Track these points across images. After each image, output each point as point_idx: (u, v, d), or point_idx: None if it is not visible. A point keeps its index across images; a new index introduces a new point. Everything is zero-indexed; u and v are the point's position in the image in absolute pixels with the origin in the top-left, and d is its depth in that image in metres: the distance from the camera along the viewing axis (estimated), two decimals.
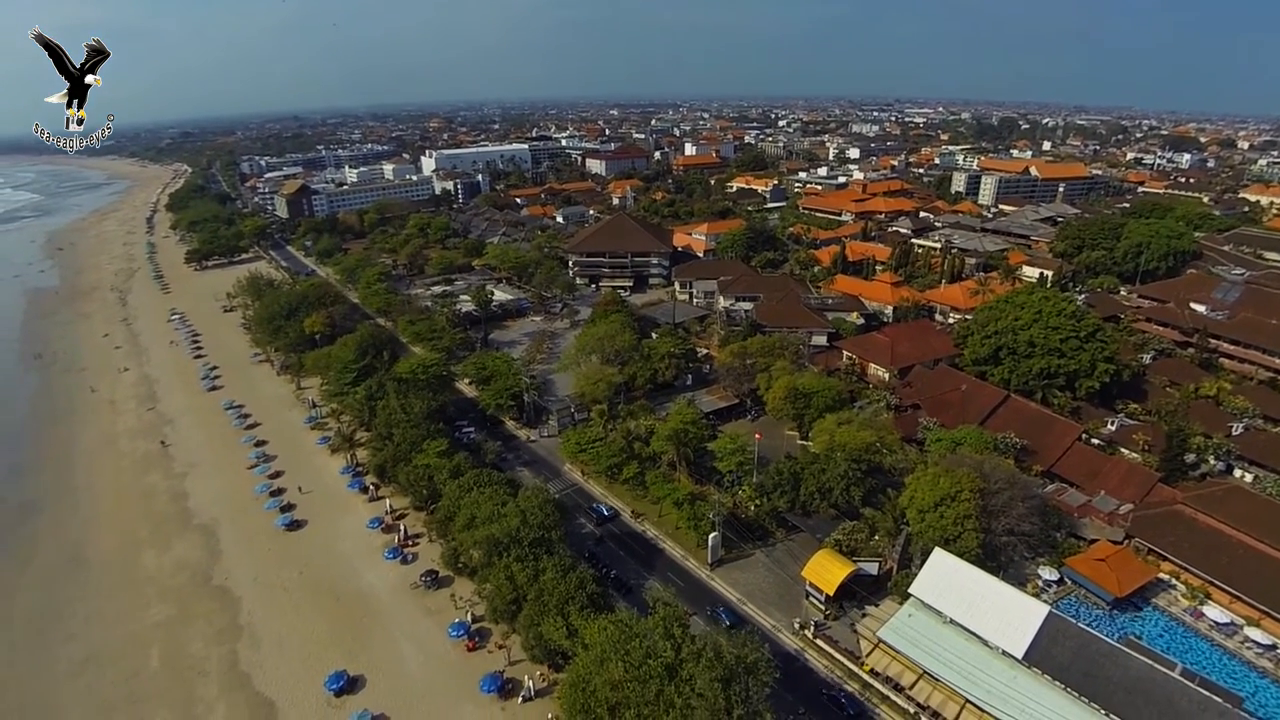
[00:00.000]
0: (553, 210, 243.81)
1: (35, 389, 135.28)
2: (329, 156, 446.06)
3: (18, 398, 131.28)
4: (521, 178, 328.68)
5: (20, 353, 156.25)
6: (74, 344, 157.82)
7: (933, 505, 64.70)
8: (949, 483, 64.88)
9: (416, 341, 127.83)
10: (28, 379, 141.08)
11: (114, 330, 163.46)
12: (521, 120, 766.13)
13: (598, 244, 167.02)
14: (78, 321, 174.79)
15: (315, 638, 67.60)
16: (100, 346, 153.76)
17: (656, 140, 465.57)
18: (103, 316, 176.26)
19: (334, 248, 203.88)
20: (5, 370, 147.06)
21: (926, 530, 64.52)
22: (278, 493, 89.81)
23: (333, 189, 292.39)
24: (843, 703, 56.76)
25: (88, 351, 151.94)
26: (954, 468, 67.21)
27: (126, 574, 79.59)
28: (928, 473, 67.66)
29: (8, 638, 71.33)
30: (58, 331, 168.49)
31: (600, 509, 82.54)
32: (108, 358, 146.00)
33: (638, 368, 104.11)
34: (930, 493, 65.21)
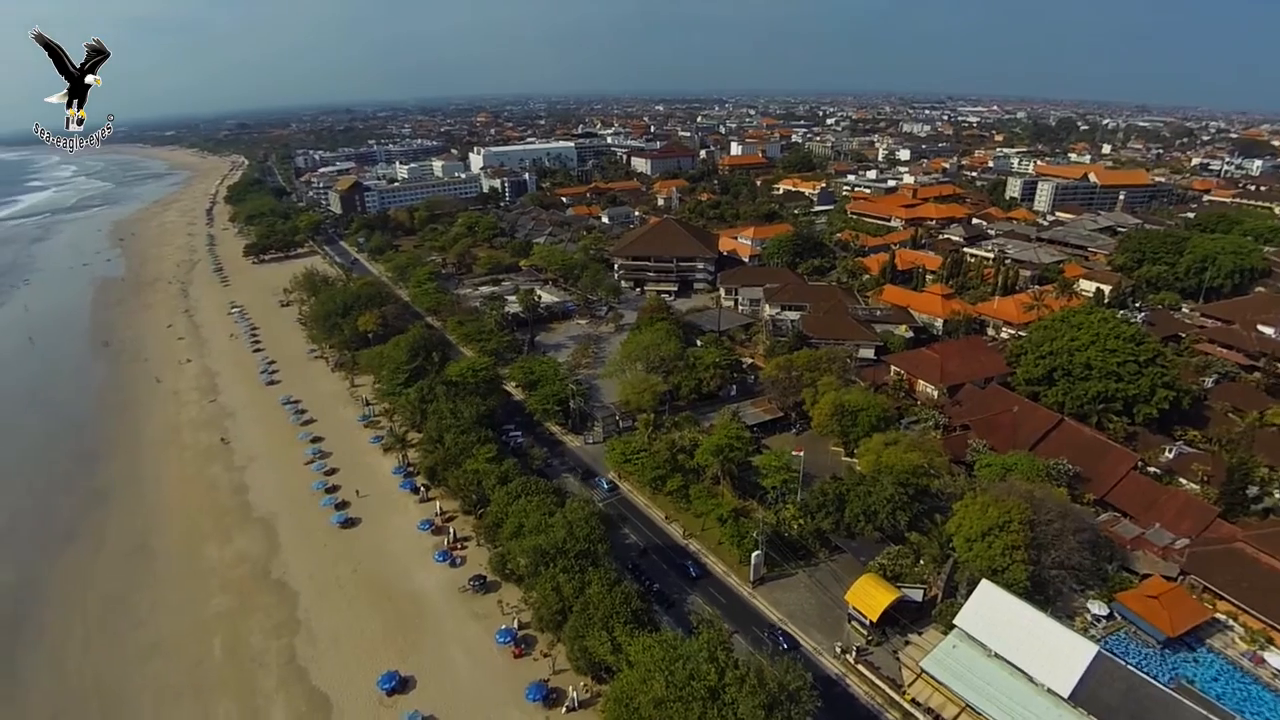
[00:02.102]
0: (598, 210, 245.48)
1: (104, 377, 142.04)
2: (379, 151, 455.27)
3: (89, 385, 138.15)
4: (567, 176, 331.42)
5: (90, 340, 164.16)
6: (139, 334, 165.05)
7: (981, 534, 64.08)
8: (998, 512, 64.16)
9: (465, 342, 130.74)
10: (97, 367, 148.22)
11: (177, 321, 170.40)
12: (567, 115, 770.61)
13: (643, 248, 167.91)
14: (142, 311, 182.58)
15: (368, 636, 70.01)
16: (164, 337, 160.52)
17: (702, 138, 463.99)
18: (166, 307, 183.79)
19: (386, 245, 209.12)
20: (78, 357, 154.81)
21: (974, 559, 63.95)
22: (333, 490, 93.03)
23: (384, 186, 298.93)
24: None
25: (152, 342, 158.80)
26: (1004, 496, 66.33)
27: (190, 564, 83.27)
28: (977, 501, 66.95)
29: (82, 621, 75.52)
30: (124, 320, 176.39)
31: (601, 482, 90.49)
32: (171, 349, 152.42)
33: (682, 377, 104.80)
34: (979, 521, 64.58)
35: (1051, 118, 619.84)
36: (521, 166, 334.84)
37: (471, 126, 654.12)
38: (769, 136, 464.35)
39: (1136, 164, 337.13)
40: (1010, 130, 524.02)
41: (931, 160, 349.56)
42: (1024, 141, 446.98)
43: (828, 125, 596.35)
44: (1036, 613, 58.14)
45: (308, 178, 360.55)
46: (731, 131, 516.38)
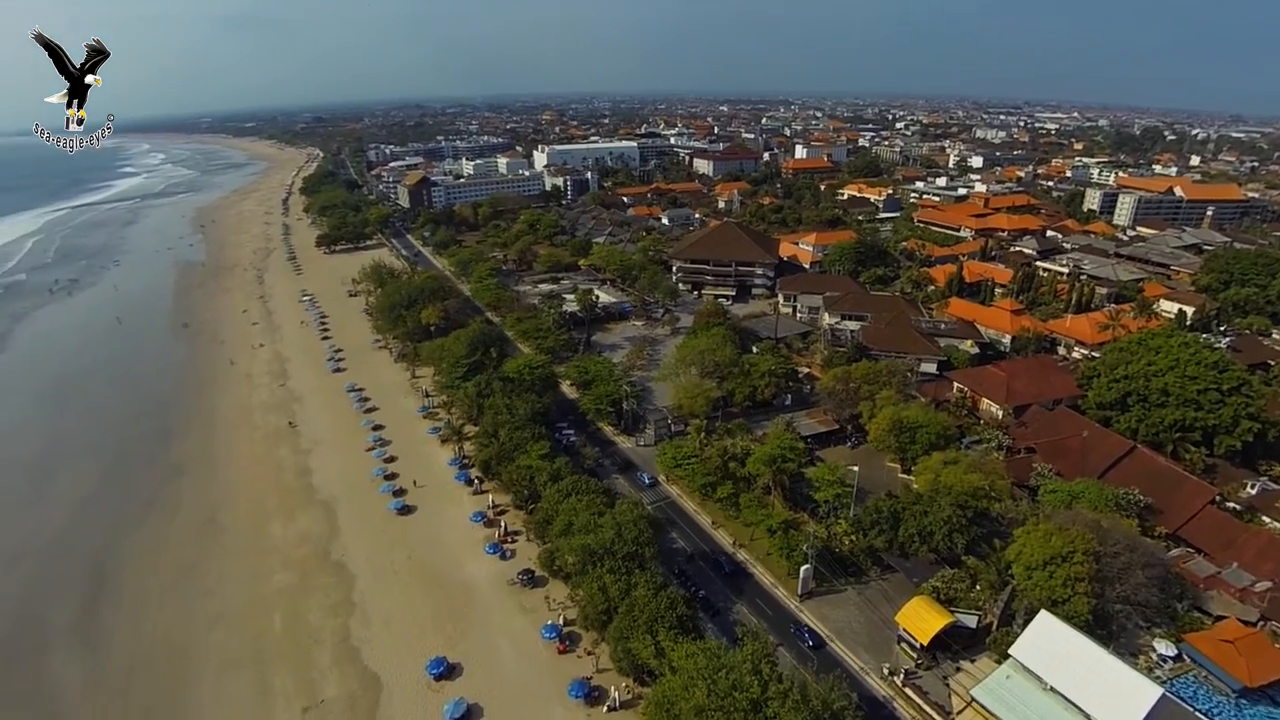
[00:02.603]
0: (658, 211, 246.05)
1: (183, 357, 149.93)
2: (447, 147, 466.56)
3: (169, 365, 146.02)
4: (629, 176, 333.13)
5: (171, 322, 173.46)
6: (217, 317, 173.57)
7: (1042, 563, 61.81)
8: (1061, 541, 61.80)
9: (523, 339, 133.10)
10: (177, 347, 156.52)
11: (251, 307, 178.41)
12: (631, 115, 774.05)
13: (703, 251, 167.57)
14: (220, 296, 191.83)
15: (419, 621, 72.04)
16: (239, 321, 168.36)
17: (766, 140, 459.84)
18: (242, 293, 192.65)
19: (450, 240, 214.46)
20: (160, 337, 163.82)
21: (1033, 589, 61.78)
22: (391, 477, 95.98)
23: (450, 181, 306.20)
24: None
25: (228, 325, 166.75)
26: (1069, 525, 63.84)
27: (255, 540, 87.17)
28: (1039, 528, 64.63)
29: (157, 585, 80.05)
30: (203, 304, 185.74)
31: (643, 477, 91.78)
32: (245, 333, 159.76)
33: (737, 384, 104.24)
34: (1040, 550, 62.33)
35: (1136, 126, 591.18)
36: (584, 165, 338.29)
37: (537, 124, 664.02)
38: (835, 140, 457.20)
39: (1228, 178, 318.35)
40: (1091, 139, 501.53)
41: (1005, 168, 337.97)
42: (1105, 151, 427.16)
43: (897, 129, 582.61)
44: (1098, 648, 55.78)
45: (378, 172, 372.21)
46: (797, 134, 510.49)
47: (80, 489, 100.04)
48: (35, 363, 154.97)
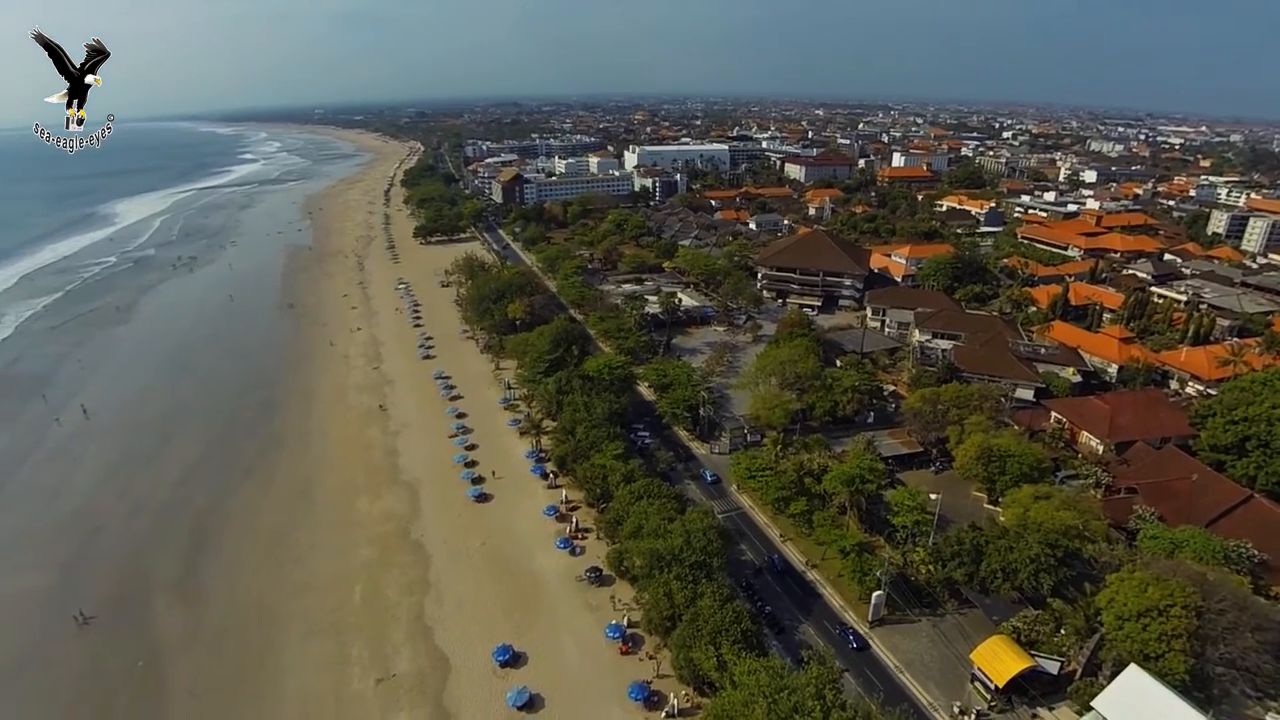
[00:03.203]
0: (746, 216, 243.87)
1: (287, 336, 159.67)
2: (541, 145, 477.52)
3: (275, 342, 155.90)
4: (718, 179, 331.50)
5: (278, 302, 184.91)
6: (319, 300, 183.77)
7: (1136, 614, 57.77)
8: (1160, 593, 57.55)
9: (604, 338, 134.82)
10: (282, 326, 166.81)
11: (351, 292, 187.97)
12: (723, 117, 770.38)
13: (789, 259, 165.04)
14: (323, 280, 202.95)
15: (489, 607, 74.19)
16: (339, 305, 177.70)
17: (862, 146, 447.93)
18: (343, 278, 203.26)
19: (539, 236, 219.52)
20: (268, 316, 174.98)
21: (1124, 640, 57.83)
22: (471, 464, 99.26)
23: (542, 179, 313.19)
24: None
25: (329, 308, 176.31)
26: (1169, 576, 59.38)
27: (343, 514, 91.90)
28: (1135, 575, 60.43)
29: (253, 548, 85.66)
30: (308, 287, 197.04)
31: (706, 474, 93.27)
32: (345, 316, 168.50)
33: (818, 397, 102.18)
34: (1135, 600, 58.25)
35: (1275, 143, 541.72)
36: (674, 167, 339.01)
37: (629, 124, 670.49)
38: (936, 148, 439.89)
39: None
40: (1220, 155, 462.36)
41: (1121, 184, 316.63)
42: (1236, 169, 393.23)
43: (1003, 139, 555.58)
44: (1194, 712, 51.76)
45: (474, 167, 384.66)
46: (895, 141, 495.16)
47: (191, 453, 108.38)
48: (157, 333, 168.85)
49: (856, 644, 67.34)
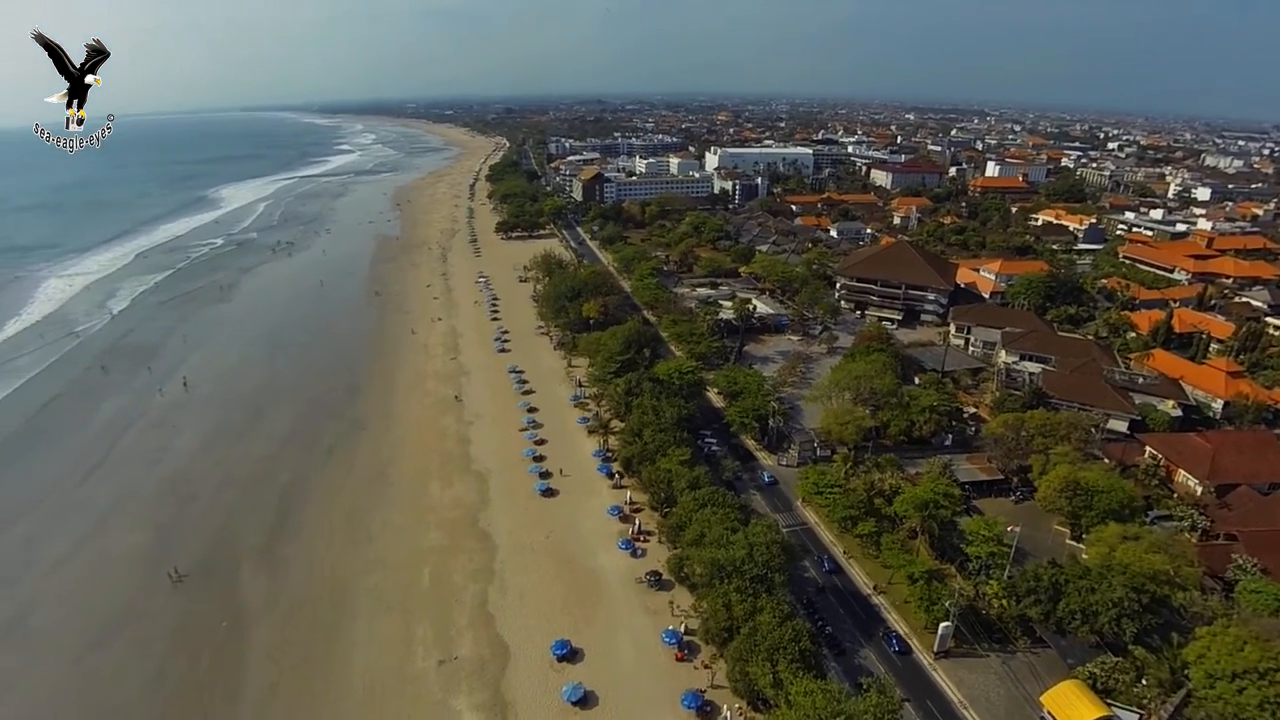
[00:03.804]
0: (827, 223, 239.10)
1: (372, 322, 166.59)
2: (623, 144, 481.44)
3: (360, 328, 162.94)
4: (800, 183, 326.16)
5: (366, 289, 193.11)
6: (404, 289, 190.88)
7: (1231, 674, 53.70)
8: (1259, 653, 53.32)
9: (676, 341, 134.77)
10: (368, 312, 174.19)
11: (434, 283, 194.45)
12: (809, 119, 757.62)
13: (870, 270, 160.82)
14: (409, 270, 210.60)
15: (549, 601, 75.38)
16: (422, 295, 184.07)
17: (954, 154, 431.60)
18: (427, 268, 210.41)
19: (616, 236, 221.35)
20: (355, 302, 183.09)
21: (1214, 700, 53.81)
22: (540, 459, 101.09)
23: (622, 178, 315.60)
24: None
25: (413, 297, 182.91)
26: (1271, 636, 54.95)
27: (416, 498, 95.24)
28: (1231, 631, 56.17)
29: (329, 526, 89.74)
30: (394, 276, 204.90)
31: (764, 475, 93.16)
32: (427, 307, 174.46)
33: (893, 415, 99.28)
34: (1230, 658, 54.15)
35: None
36: (755, 170, 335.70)
37: (711, 124, 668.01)
38: (1033, 158, 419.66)
39: None
40: None
41: (1239, 204, 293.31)
42: None
43: (1108, 150, 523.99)
44: None
45: (557, 164, 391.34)
46: (990, 149, 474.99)
47: (280, 429, 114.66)
48: (254, 313, 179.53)
49: (899, 648, 67.16)
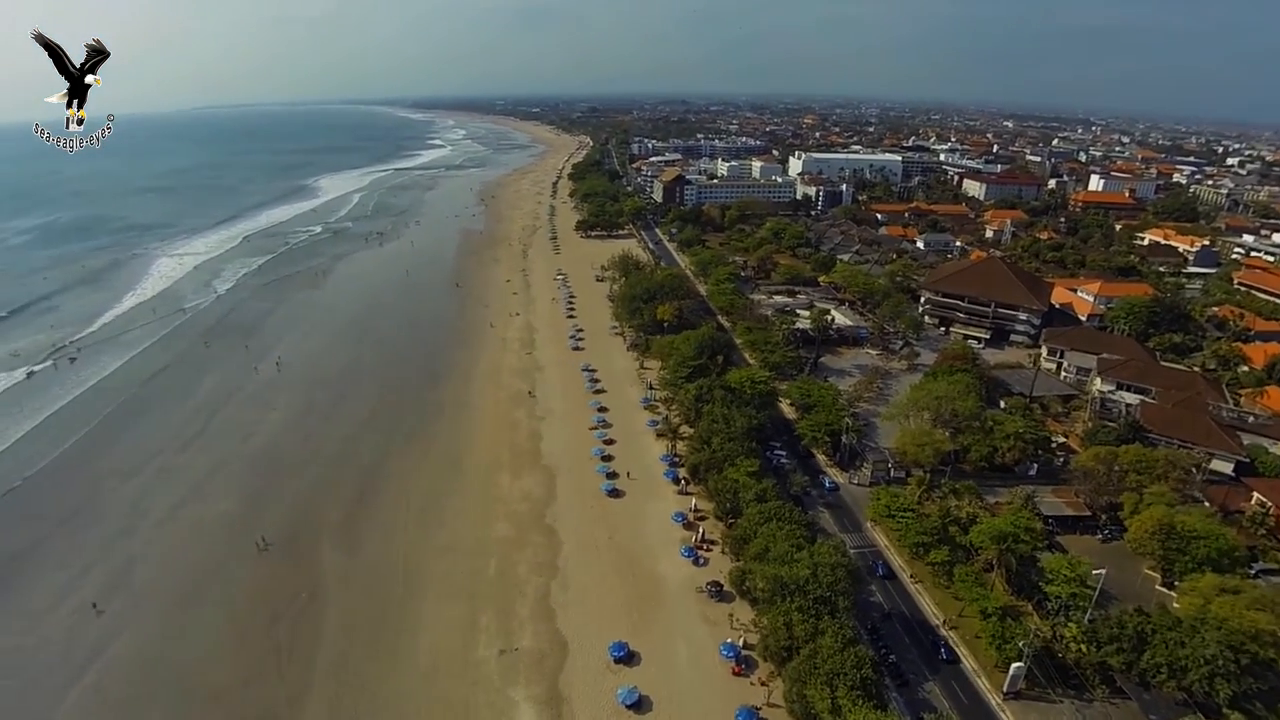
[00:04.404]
0: (914, 233, 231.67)
1: (453, 314, 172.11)
2: (705, 145, 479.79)
3: (442, 318, 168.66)
4: (887, 191, 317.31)
5: (448, 281, 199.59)
6: (484, 283, 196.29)
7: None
8: None
9: (750, 349, 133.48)
10: (450, 304, 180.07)
11: (514, 278, 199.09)
12: (899, 124, 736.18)
13: (958, 285, 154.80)
14: (490, 264, 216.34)
15: (610, 602, 76.12)
16: (502, 290, 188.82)
17: (1054, 165, 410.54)
18: (508, 264, 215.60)
19: (694, 239, 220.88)
20: (438, 293, 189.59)
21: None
22: (608, 459, 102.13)
23: (703, 180, 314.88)
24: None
25: (493, 291, 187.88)
26: None
27: (486, 489, 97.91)
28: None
29: (406, 508, 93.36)
30: (475, 269, 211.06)
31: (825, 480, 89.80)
32: (506, 301, 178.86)
33: (974, 440, 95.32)
34: None
35: None
36: (840, 176, 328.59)
37: (797, 127, 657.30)
38: (1142, 172, 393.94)
39: None
40: None
41: None
42: None
43: (1227, 166, 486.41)
44: None
45: (638, 164, 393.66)
46: (1094, 161, 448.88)
47: (362, 411, 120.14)
48: (344, 299, 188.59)
49: (947, 656, 67.31)
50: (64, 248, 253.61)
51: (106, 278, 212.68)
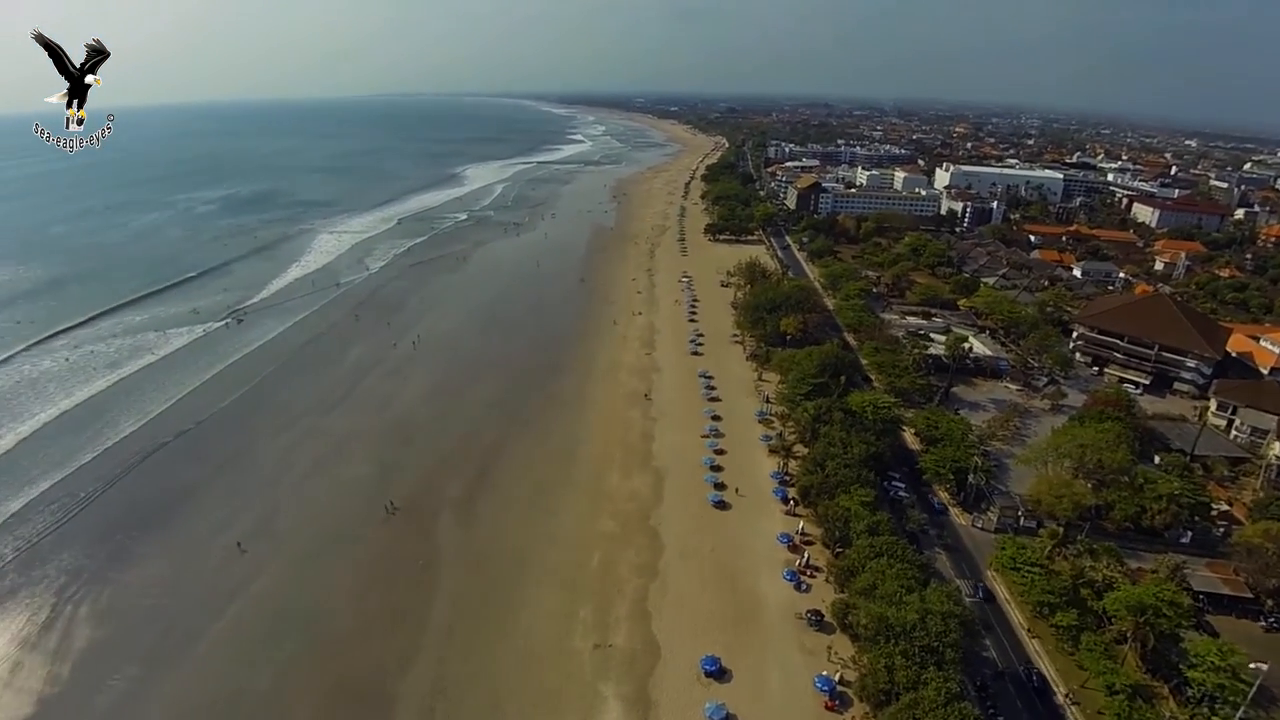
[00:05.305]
0: (1071, 260, 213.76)
1: (578, 307, 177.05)
2: (845, 152, 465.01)
3: (567, 311, 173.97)
4: (1044, 211, 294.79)
5: (575, 274, 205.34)
6: (610, 279, 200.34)
7: None
8: None
9: (876, 371, 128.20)
10: (576, 297, 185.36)
11: (639, 277, 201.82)
12: (1063, 137, 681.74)
13: (1118, 322, 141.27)
14: (617, 261, 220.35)
15: (706, 614, 75.72)
16: (627, 288, 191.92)
17: (1243, 193, 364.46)
18: (634, 262, 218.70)
19: (826, 249, 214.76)
20: (565, 286, 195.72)
21: None
22: (717, 469, 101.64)
23: (840, 190, 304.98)
24: None
25: (618, 288, 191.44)
26: None
27: (596, 483, 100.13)
28: None
29: (518, 493, 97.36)
30: (603, 265, 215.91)
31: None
32: (629, 299, 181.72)
33: (1120, 497, 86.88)
34: None
35: None
36: (991, 191, 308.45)
37: (947, 137, 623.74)
38: None
39: None
40: None
41: None
42: None
43: None
44: None
45: (773, 169, 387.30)
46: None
47: (488, 394, 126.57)
48: (480, 284, 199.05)
49: (1036, 684, 66.25)
50: (242, 218, 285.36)
51: (275, 249, 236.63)
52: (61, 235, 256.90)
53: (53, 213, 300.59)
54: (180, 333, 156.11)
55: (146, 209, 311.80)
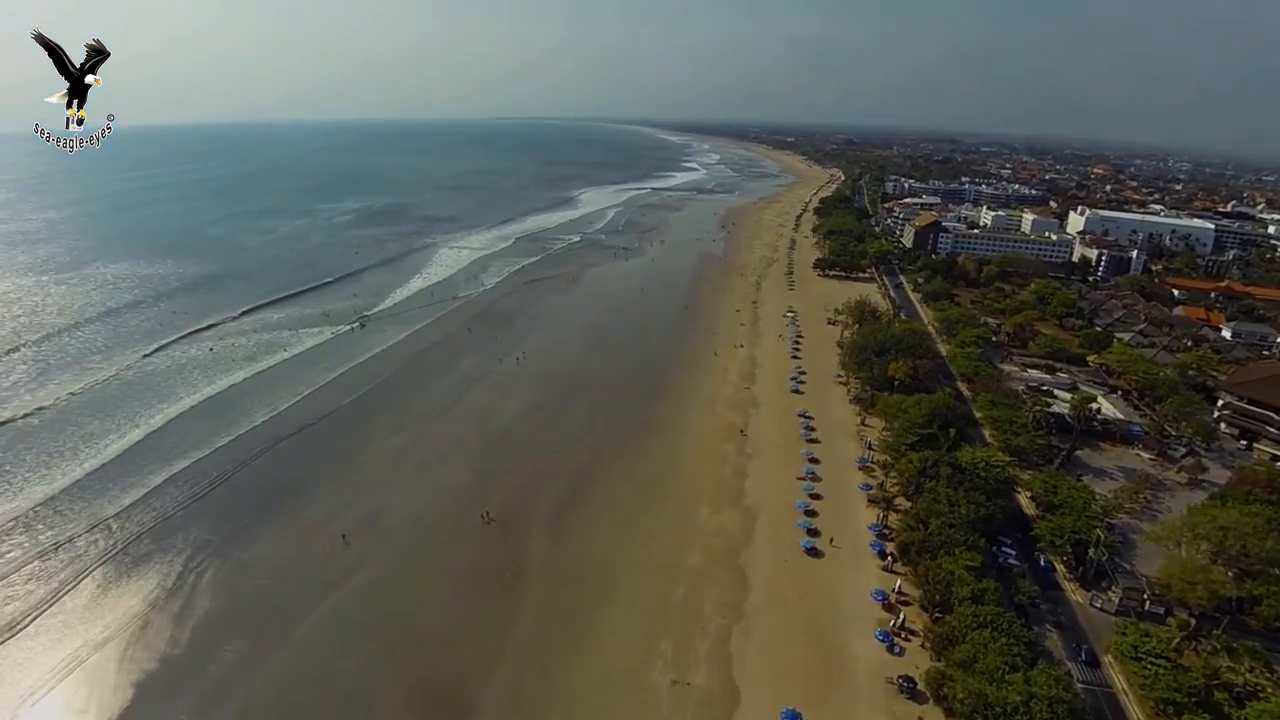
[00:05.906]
0: (1220, 319, 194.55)
1: (680, 335, 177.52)
2: (970, 190, 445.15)
3: (669, 338, 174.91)
4: (1191, 264, 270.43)
5: (680, 301, 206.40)
6: (714, 309, 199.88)
7: None
8: None
9: (990, 426, 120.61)
10: (678, 325, 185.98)
11: (743, 309, 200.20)
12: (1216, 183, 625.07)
13: (1274, 392, 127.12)
14: (722, 292, 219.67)
15: (790, 664, 73.09)
16: (730, 319, 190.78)
17: None
18: (740, 293, 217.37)
19: (943, 292, 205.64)
20: (668, 312, 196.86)
21: None
22: (811, 514, 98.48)
23: (962, 230, 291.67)
24: None
25: (721, 319, 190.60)
26: None
27: (685, 515, 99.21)
28: None
29: (609, 515, 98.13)
30: (707, 294, 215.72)
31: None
32: (732, 331, 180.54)
33: (1268, 591, 77.34)
34: None
35: None
36: (1130, 239, 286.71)
37: (1083, 178, 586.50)
38: None
39: None
40: None
41: None
42: None
43: None
44: None
45: (891, 205, 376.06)
46: None
47: (585, 414, 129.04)
48: (586, 306, 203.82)
49: None
50: (373, 230, 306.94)
51: (401, 260, 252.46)
52: (217, 237, 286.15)
53: (207, 215, 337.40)
54: (312, 333, 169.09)
55: (291, 216, 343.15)
